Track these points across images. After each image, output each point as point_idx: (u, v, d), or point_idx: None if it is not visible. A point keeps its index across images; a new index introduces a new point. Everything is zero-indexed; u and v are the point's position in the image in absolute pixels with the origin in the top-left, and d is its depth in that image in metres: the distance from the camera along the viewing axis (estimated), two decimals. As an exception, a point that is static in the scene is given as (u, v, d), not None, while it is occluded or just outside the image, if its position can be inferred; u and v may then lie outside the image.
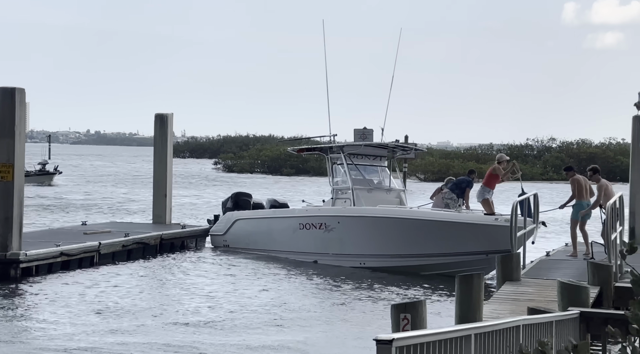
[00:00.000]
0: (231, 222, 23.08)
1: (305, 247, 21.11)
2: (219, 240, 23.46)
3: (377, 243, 19.97)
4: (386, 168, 22.46)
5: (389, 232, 19.80)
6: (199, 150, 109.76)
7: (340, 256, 20.50)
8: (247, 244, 22.57)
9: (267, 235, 22.04)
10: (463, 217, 19.30)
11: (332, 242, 20.67)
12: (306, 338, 12.96)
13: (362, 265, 20.24)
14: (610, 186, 17.01)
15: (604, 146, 77.11)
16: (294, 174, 73.09)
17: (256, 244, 22.31)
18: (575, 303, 9.88)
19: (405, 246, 19.64)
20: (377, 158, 22.21)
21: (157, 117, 25.61)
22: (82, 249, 19.34)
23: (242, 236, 22.72)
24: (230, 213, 23.30)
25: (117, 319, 13.95)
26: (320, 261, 20.80)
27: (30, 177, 50.84)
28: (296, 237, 21.32)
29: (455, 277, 10.97)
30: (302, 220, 21.30)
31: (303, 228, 21.21)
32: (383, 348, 4.00)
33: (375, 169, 22.19)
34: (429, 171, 67.93)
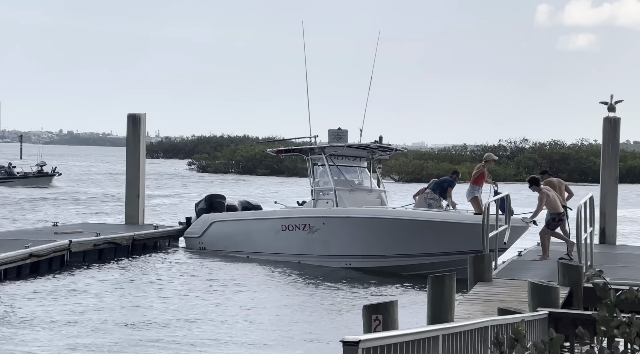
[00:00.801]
0: (208, 224, 22.93)
1: (288, 248, 21.06)
2: (194, 242, 23.28)
3: (363, 244, 20.02)
4: (365, 169, 22.53)
5: (376, 232, 19.86)
6: (172, 150, 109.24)
7: (326, 257, 20.52)
8: (225, 246, 22.44)
9: (247, 237, 21.95)
10: (449, 217, 19.41)
11: (316, 244, 20.66)
12: (278, 339, 12.92)
13: (348, 266, 20.28)
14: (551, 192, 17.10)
15: (576, 147, 77.85)
16: (269, 175, 72.97)
17: (235, 246, 22.19)
18: (545, 304, 9.94)
19: (392, 246, 19.72)
20: (356, 159, 22.27)
21: (129, 117, 25.43)
22: (52, 249, 19.13)
23: (220, 237, 22.60)
24: (206, 215, 23.17)
25: (88, 323, 13.80)
26: (304, 262, 20.78)
27: (28, 179, 50.21)
28: (278, 239, 21.27)
29: (428, 278, 11.00)
30: (284, 221, 21.26)
31: (286, 229, 21.16)
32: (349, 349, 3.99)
33: (355, 169, 22.25)
34: (403, 172, 68.17)
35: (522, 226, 18.22)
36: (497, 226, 16.00)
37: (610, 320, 2.91)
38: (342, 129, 22.52)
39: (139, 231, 23.16)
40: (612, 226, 21.65)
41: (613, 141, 21.77)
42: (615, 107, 21.73)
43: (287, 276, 19.30)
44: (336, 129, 22.43)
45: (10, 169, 51.56)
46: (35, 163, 53.44)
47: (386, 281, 18.58)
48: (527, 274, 14.40)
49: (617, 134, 21.82)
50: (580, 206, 14.60)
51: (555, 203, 16.97)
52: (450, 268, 17.89)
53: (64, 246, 19.57)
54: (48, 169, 52.47)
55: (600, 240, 21.27)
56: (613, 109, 21.65)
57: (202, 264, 21.03)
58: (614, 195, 21.67)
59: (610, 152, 21.74)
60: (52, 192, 45.47)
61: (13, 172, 51.31)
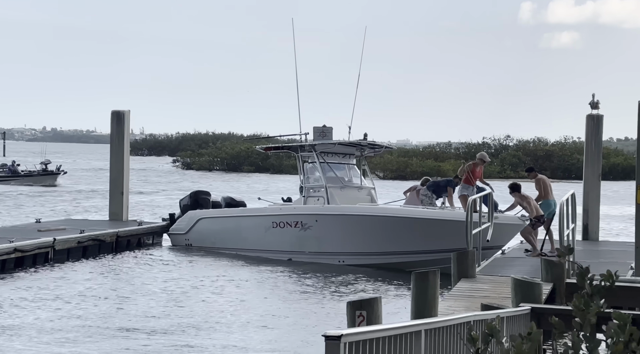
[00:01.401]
0: (194, 221, 22.88)
1: (279, 245, 21.04)
2: (180, 239, 23.21)
3: (356, 241, 20.08)
4: (355, 166, 22.60)
5: (369, 229, 19.93)
6: (157, 147, 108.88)
7: (318, 254, 20.55)
8: (213, 243, 22.39)
9: (236, 234, 21.90)
10: (441, 214, 19.54)
11: (308, 241, 20.69)
12: (263, 334, 12.94)
13: (341, 263, 20.32)
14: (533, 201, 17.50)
15: (560, 144, 78.26)
16: (254, 172, 72.90)
17: (223, 242, 22.14)
18: (528, 299, 10.02)
19: (385, 243, 19.81)
20: (346, 156, 22.33)
21: (113, 114, 25.35)
22: (37, 245, 19.07)
23: (207, 234, 22.55)
24: (193, 212, 23.11)
25: (73, 319, 13.78)
26: (295, 259, 20.80)
27: (33, 178, 49.34)
28: (268, 236, 21.25)
29: (412, 274, 11.04)
30: (275, 218, 21.24)
31: (277, 226, 21.14)
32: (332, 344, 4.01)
33: (344, 166, 22.32)
34: (387, 169, 68.29)
35: (518, 224, 18.35)
36: (481, 223, 16.08)
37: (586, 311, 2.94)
38: (327, 126, 22.59)
39: (122, 227, 23.09)
40: (594, 223, 21.79)
41: (596, 138, 21.90)
42: (598, 104, 21.86)
43: (277, 272, 19.34)
44: (321, 127, 22.49)
45: (15, 167, 50.71)
46: (39, 161, 52.26)
47: (377, 277, 18.67)
48: (510, 270, 14.49)
49: (600, 131, 21.95)
50: (563, 203, 14.70)
51: (536, 206, 17.31)
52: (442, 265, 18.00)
53: (48, 243, 19.51)
54: (52, 168, 51.46)
55: (583, 237, 21.41)
56: (596, 106, 21.79)
57: (189, 261, 21.01)
58: (597, 192, 21.81)
59: (593, 149, 21.87)
60: (50, 191, 44.71)
61: (17, 171, 50.49)
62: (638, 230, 13.74)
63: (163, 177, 63.17)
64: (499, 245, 18.35)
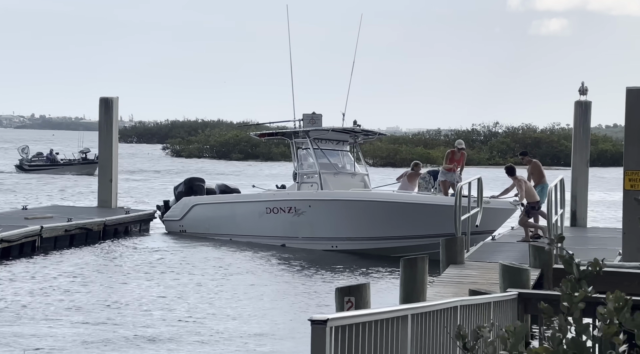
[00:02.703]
0: (188, 208, 23.00)
1: (272, 231, 21.16)
2: (174, 225, 23.33)
3: (349, 226, 20.20)
4: (348, 153, 22.67)
5: (362, 215, 20.03)
6: (147, 135, 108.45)
7: (311, 239, 20.67)
8: (206, 229, 22.51)
9: (230, 220, 22.01)
10: (433, 200, 19.64)
11: (302, 226, 20.79)
12: (253, 321, 12.94)
13: (334, 248, 20.43)
14: (527, 184, 17.64)
15: (549, 131, 78.47)
16: (243, 159, 72.79)
17: (217, 228, 22.26)
18: (516, 285, 10.03)
19: (378, 228, 19.92)
20: (339, 143, 22.39)
21: (101, 101, 25.21)
22: (23, 235, 18.97)
23: (201, 221, 22.66)
24: (187, 198, 23.21)
25: (62, 310, 13.71)
26: (289, 244, 20.92)
27: (73, 166, 48.31)
28: (262, 222, 21.35)
29: (400, 260, 11.05)
30: (269, 204, 21.35)
31: (270, 212, 21.24)
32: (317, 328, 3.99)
33: (338, 153, 22.41)
34: (377, 156, 68.30)
35: (510, 209, 18.41)
36: (470, 208, 16.11)
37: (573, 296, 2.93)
38: (316, 113, 22.59)
39: (110, 215, 23.02)
40: (583, 209, 21.85)
41: (584, 125, 21.93)
42: (587, 90, 21.88)
43: (270, 258, 19.45)
44: (310, 113, 22.50)
45: (53, 155, 49.76)
46: (78, 150, 51.27)
47: (368, 263, 18.73)
48: (499, 256, 14.51)
49: (588, 118, 21.98)
50: (551, 189, 14.73)
51: (533, 192, 17.28)
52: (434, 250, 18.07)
53: (35, 231, 19.42)
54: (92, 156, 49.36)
55: (572, 223, 21.47)
56: (584, 92, 21.80)
57: (180, 248, 21.05)
58: (585, 178, 21.85)
59: (581, 136, 21.91)
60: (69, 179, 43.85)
61: (56, 159, 49.49)
62: (626, 216, 13.78)
63: (154, 164, 63.01)
64: (490, 230, 18.41)
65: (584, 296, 2.92)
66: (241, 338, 11.97)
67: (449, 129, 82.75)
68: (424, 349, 5.53)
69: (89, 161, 49.16)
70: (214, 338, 11.95)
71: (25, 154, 50.06)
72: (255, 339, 11.93)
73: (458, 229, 14.85)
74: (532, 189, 17.52)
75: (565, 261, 3.38)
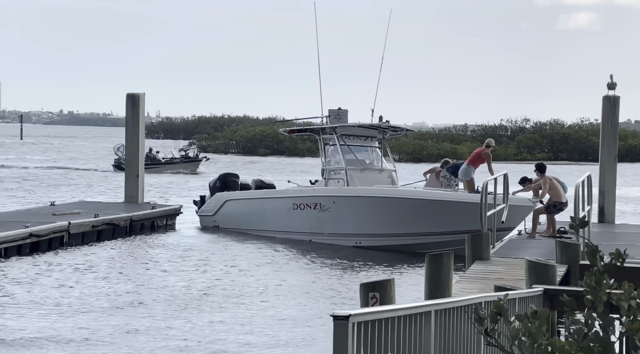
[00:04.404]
0: (221, 203, 23.27)
1: (299, 227, 21.34)
2: (208, 220, 23.62)
3: (373, 223, 20.26)
4: (377, 149, 22.70)
5: (385, 211, 20.10)
6: (173, 130, 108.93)
7: (336, 235, 20.80)
8: (238, 224, 22.77)
9: (259, 215, 22.25)
10: (457, 197, 19.65)
11: (327, 222, 20.93)
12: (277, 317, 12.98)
13: (358, 244, 20.51)
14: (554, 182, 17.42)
15: (577, 126, 77.71)
16: (269, 155, 72.93)
17: (248, 224, 22.52)
18: (542, 281, 9.94)
19: (401, 225, 19.97)
20: (368, 139, 22.43)
21: (128, 97, 25.38)
22: (52, 230, 19.17)
23: (233, 216, 22.91)
24: (220, 194, 23.48)
25: (90, 302, 13.85)
26: (315, 240, 21.08)
27: (175, 165, 48.07)
28: (290, 217, 21.56)
29: (426, 256, 11.01)
30: (296, 200, 21.55)
31: (297, 208, 21.44)
32: (340, 323, 3.98)
33: (367, 149, 22.47)
34: (403, 152, 68.07)
35: (529, 206, 18.30)
36: (495, 205, 16.01)
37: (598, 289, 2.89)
38: (342, 109, 22.61)
39: (136, 210, 23.18)
40: (611, 205, 21.63)
41: (612, 120, 21.70)
42: (615, 85, 21.63)
43: (296, 253, 19.57)
44: (336, 109, 22.54)
45: (153, 154, 49.16)
46: (179, 148, 51.28)
47: (392, 259, 18.78)
48: (525, 252, 14.40)
49: (616, 113, 21.74)
50: (578, 185, 14.58)
51: (559, 192, 17.17)
52: (458, 246, 18.01)
53: (63, 227, 19.63)
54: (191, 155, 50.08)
55: (600, 219, 21.27)
56: (613, 87, 21.56)
57: (208, 242, 21.34)
58: (613, 174, 21.62)
59: (609, 131, 21.68)
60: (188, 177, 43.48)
61: (157, 158, 49.05)
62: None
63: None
64: (510, 227, 18.33)
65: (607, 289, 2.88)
66: (266, 332, 12.01)
67: (476, 125, 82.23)
68: (448, 345, 5.50)
69: (190, 159, 49.10)
70: (238, 330, 12.01)
71: (122, 152, 50.03)
72: (280, 334, 11.96)
73: (484, 225, 14.76)
74: (559, 188, 17.36)
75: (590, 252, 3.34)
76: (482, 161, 19.69)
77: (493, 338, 3.08)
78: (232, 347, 11.23)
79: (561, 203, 17.25)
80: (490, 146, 19.91)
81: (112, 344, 11.17)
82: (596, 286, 2.92)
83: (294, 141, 71.04)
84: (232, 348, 11.17)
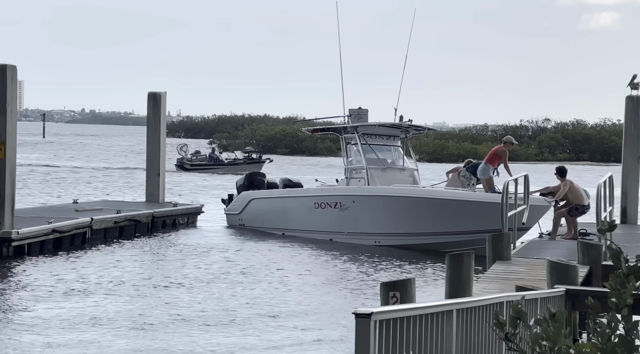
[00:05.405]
0: (246, 202, 23.44)
1: (321, 226, 21.46)
2: (234, 219, 23.81)
3: (391, 222, 20.33)
4: (399, 148, 22.72)
5: (404, 211, 20.16)
6: (194, 130, 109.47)
7: (355, 234, 20.88)
8: (262, 223, 22.94)
9: (283, 214, 22.41)
10: (476, 196, 19.63)
11: (347, 221, 21.02)
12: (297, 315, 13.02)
13: (377, 243, 20.56)
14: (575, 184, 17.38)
15: (599, 127, 77.13)
16: (289, 154, 73.08)
17: (272, 223, 22.69)
18: (564, 282, 9.90)
19: (420, 224, 20.01)
20: (390, 138, 22.48)
21: (150, 95, 25.54)
22: (74, 226, 19.35)
23: (258, 215, 23.08)
24: (246, 193, 23.67)
25: (114, 298, 13.96)
26: (336, 239, 21.17)
27: (239, 166, 47.82)
28: (311, 216, 21.70)
29: (446, 255, 11.00)
30: (317, 199, 21.70)
31: (318, 207, 21.59)
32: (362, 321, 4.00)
33: (389, 148, 22.52)
34: (423, 152, 67.93)
35: (544, 206, 18.22)
36: (516, 205, 15.96)
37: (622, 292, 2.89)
38: (362, 108, 22.65)
39: (158, 208, 23.35)
40: (633, 206, 21.48)
41: (635, 120, 21.54)
42: (639, 85, 21.48)
43: (316, 252, 19.64)
44: (357, 108, 22.57)
45: (216, 155, 49.73)
46: (242, 150, 51.23)
47: (412, 259, 18.78)
48: (546, 253, 14.33)
49: (639, 113, 21.59)
50: (600, 185, 14.49)
51: (580, 194, 17.09)
52: (477, 246, 17.96)
53: (85, 223, 19.79)
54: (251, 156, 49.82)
55: (622, 220, 21.12)
56: (636, 87, 21.41)
57: (230, 241, 21.51)
58: (636, 175, 21.47)
59: (632, 131, 21.53)
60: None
61: (221, 159, 49.31)
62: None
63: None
64: (526, 227, 18.26)
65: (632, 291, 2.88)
66: (287, 329, 12.06)
67: (496, 125, 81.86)
68: (470, 345, 5.51)
69: (254, 160, 48.95)
70: (260, 328, 12.06)
71: (184, 152, 50.02)
72: (301, 331, 12.01)
73: (505, 225, 14.72)
74: (581, 191, 17.25)
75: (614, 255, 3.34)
76: (499, 158, 19.52)
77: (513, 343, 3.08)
78: (254, 344, 11.28)
79: (583, 206, 17.18)
80: (507, 142, 19.69)
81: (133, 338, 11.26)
82: (620, 288, 2.92)
83: (314, 141, 71.08)
84: (254, 345, 11.23)
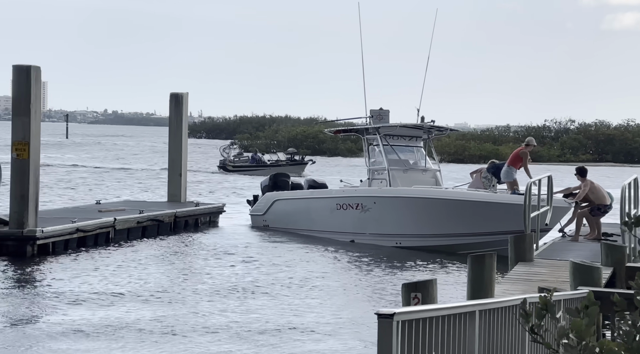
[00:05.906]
0: (270, 203, 23.54)
1: (343, 227, 21.50)
2: (258, 220, 23.90)
3: (413, 223, 20.33)
4: (422, 149, 22.68)
5: (425, 212, 20.13)
6: (215, 130, 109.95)
7: (377, 235, 20.89)
8: (286, 224, 23.01)
9: (306, 215, 22.48)
10: (497, 198, 19.60)
11: (368, 222, 21.03)
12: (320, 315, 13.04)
13: (398, 245, 20.58)
14: (596, 184, 17.25)
15: (623, 128, 76.53)
16: (310, 155, 73.21)
17: (295, 224, 22.76)
18: (587, 283, 9.83)
19: (441, 225, 19.98)
20: (412, 139, 22.45)
21: (172, 96, 25.69)
22: (98, 225, 19.51)
23: (281, 216, 23.16)
24: (270, 194, 23.79)
25: (136, 297, 14.06)
26: (357, 240, 21.20)
27: (281, 167, 46.81)
28: (333, 217, 21.75)
29: (468, 257, 10.97)
30: (339, 200, 21.73)
31: (340, 208, 21.62)
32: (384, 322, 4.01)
33: (411, 149, 22.49)
34: (445, 152, 67.75)
35: (565, 207, 18.12)
36: (539, 206, 15.88)
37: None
38: (383, 109, 22.64)
39: (180, 208, 23.49)
40: (658, 208, 21.26)
41: (660, 121, 21.35)
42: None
43: (338, 253, 19.64)
44: (378, 109, 22.57)
45: (259, 156, 49.80)
46: (285, 151, 51.60)
47: (433, 260, 18.78)
48: (569, 254, 14.25)
49: (664, 114, 21.40)
50: (625, 187, 14.38)
51: (602, 194, 16.99)
52: (498, 247, 17.88)
53: (109, 223, 19.96)
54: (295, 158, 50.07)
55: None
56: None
57: (252, 241, 21.57)
58: (660, 176, 21.25)
59: (656, 133, 21.34)
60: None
61: (263, 160, 49.50)
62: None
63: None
64: (546, 228, 18.18)
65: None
66: (309, 330, 12.08)
67: (519, 126, 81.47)
68: (493, 346, 5.50)
69: (296, 161, 49.22)
70: (282, 327, 12.10)
71: (227, 153, 50.25)
72: (323, 332, 12.02)
73: (527, 226, 14.65)
74: (603, 191, 17.16)
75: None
76: (520, 160, 19.47)
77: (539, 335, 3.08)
78: (276, 344, 11.32)
79: (605, 206, 17.07)
80: (530, 144, 19.59)
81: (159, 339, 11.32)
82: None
83: (335, 141, 71.13)
84: (276, 345, 11.26)
